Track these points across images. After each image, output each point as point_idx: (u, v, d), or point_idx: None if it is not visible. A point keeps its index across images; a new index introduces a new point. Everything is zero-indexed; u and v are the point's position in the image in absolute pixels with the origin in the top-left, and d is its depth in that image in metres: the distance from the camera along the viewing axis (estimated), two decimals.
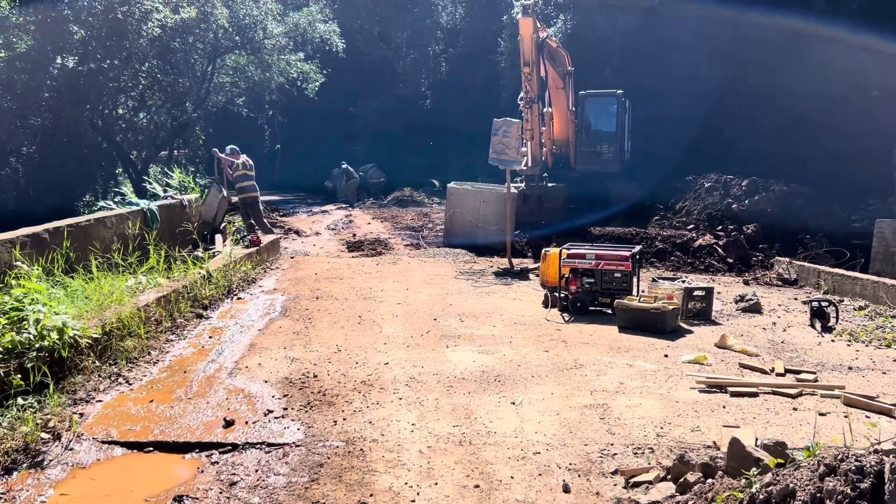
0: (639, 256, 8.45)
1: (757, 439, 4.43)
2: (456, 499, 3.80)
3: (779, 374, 5.96)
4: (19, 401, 4.79)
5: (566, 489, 3.89)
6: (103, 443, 4.59)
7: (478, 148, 26.04)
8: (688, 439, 4.56)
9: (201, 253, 10.22)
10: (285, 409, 5.11)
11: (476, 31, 34.61)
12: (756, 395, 5.38)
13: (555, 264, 9.40)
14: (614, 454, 4.35)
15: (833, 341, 7.19)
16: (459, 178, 15.92)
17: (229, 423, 4.83)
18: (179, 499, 3.87)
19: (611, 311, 8.05)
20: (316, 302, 8.73)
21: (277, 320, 7.80)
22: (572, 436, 4.62)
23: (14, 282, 5.86)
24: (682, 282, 8.30)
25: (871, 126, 16.94)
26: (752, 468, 3.47)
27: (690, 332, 7.38)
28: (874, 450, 2.73)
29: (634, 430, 4.70)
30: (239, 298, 8.94)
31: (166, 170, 19.04)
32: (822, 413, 5.05)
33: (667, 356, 6.40)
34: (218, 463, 4.34)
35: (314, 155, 31.97)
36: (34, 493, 3.94)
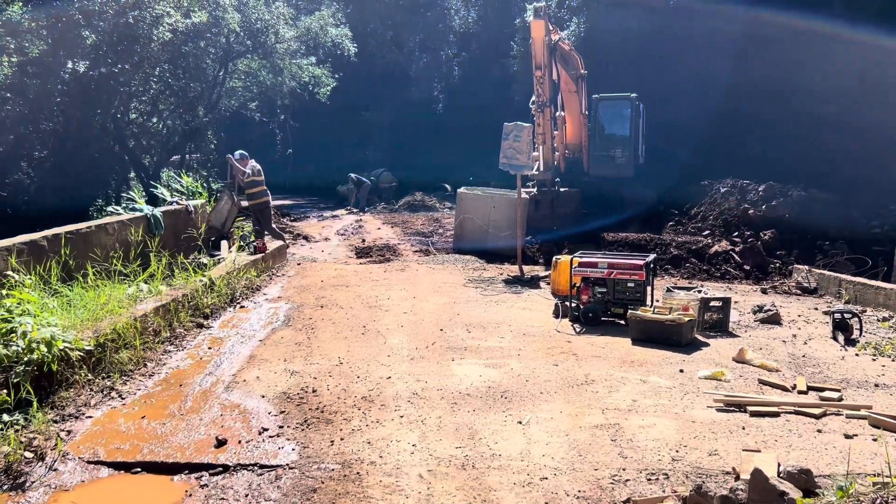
0: (653, 265, 8.15)
1: (780, 465, 4.15)
2: None
3: (801, 392, 5.66)
4: (4, 417, 4.61)
5: None
6: (89, 463, 4.39)
7: (490, 152, 25.81)
8: (705, 464, 4.28)
9: (205, 260, 10.06)
10: (281, 426, 4.89)
11: (489, 34, 34.41)
12: (777, 415, 5.09)
13: (566, 272, 9.13)
14: (626, 480, 4.08)
15: (857, 355, 6.86)
16: (471, 183, 15.71)
17: (222, 443, 4.62)
18: None
19: (623, 322, 7.77)
20: (320, 311, 8.52)
21: (279, 330, 7.60)
22: (582, 459, 4.35)
23: (5, 291, 5.69)
24: (697, 291, 7.99)
25: (892, 129, 16.51)
26: None
27: (707, 344, 7.07)
28: None
29: (648, 454, 4.43)
30: (242, 307, 8.75)
31: (177, 174, 18.99)
32: (849, 435, 4.75)
33: (682, 371, 6.11)
34: (207, 486, 4.12)
35: (326, 159, 31.86)
36: None
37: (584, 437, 4.68)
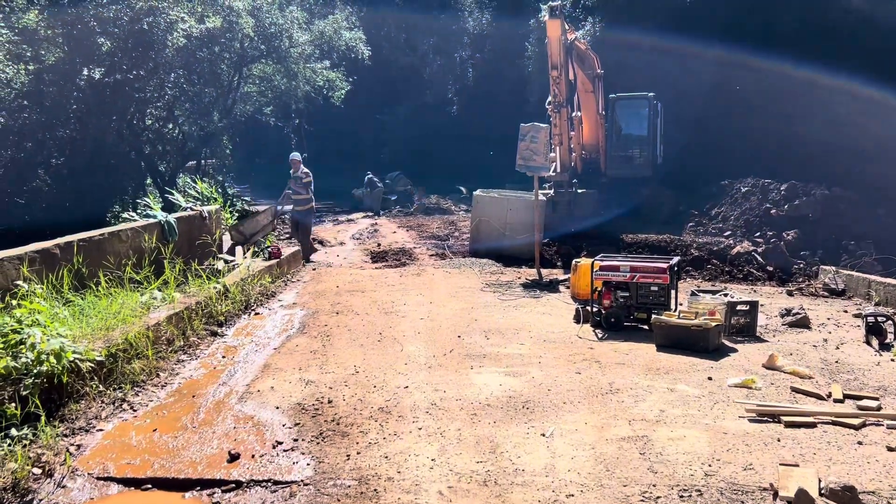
0: (677, 268, 7.91)
1: (820, 481, 3.93)
2: None
3: (836, 401, 5.40)
4: (12, 432, 4.49)
5: None
6: (98, 479, 4.25)
7: (505, 154, 25.60)
8: (740, 479, 4.06)
9: (220, 265, 9.95)
10: (295, 440, 4.73)
11: (503, 36, 34.18)
12: (814, 425, 4.84)
13: (586, 276, 8.90)
14: (657, 497, 3.87)
15: (893, 360, 6.57)
16: (486, 185, 15.50)
17: (234, 457, 4.46)
18: None
19: (647, 327, 7.54)
20: (336, 317, 8.37)
21: (294, 338, 7.46)
22: (610, 475, 4.14)
23: (15, 301, 5.59)
24: (723, 295, 7.74)
25: None
26: None
27: (735, 350, 6.82)
28: None
29: (679, 468, 4.21)
30: (257, 314, 8.63)
31: (193, 180, 18.99)
32: (892, 448, 4.49)
33: (711, 379, 5.87)
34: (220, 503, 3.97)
35: (341, 163, 31.79)
36: None
37: (611, 450, 4.47)
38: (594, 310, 7.73)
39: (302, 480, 4.15)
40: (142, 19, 18.27)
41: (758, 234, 14.47)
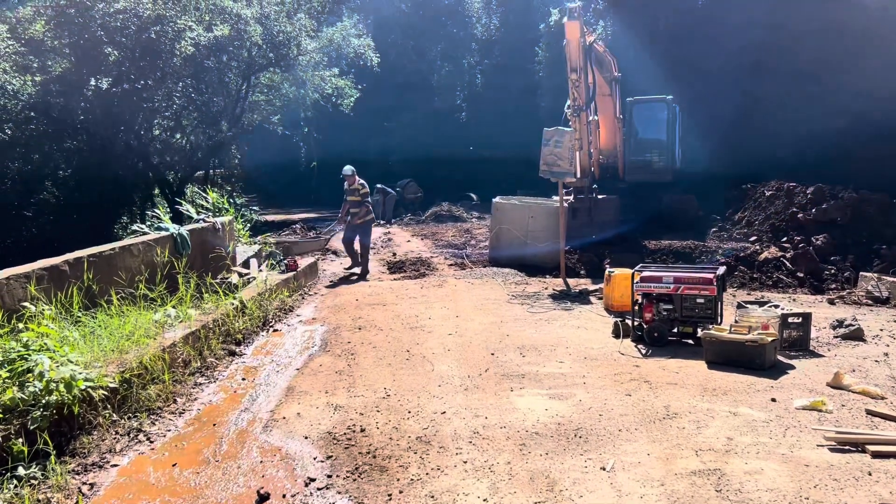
0: (724, 278, 7.44)
1: None
2: None
3: None
4: (20, 471, 4.07)
5: None
6: None
7: (515, 160, 25.23)
8: None
9: (235, 279, 9.54)
10: (329, 476, 4.29)
11: (511, 41, 33.89)
12: None
13: (621, 286, 8.48)
14: None
15: None
16: (496, 192, 15.09)
17: (264, 498, 4.03)
18: None
19: (692, 342, 7.08)
20: (358, 333, 7.93)
21: (317, 357, 7.02)
22: None
23: (22, 324, 5.19)
24: (773, 306, 7.27)
25: None
26: None
27: (792, 367, 6.35)
28: None
29: None
30: (275, 330, 8.20)
31: (202, 190, 18.63)
32: None
33: (775, 400, 5.40)
34: None
35: None
36: None
37: (682, 486, 4.01)
38: (635, 323, 7.27)
39: None
40: (149, 28, 17.97)
41: (784, 239, 14.00)
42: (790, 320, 6.90)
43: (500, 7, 35.76)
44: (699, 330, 6.99)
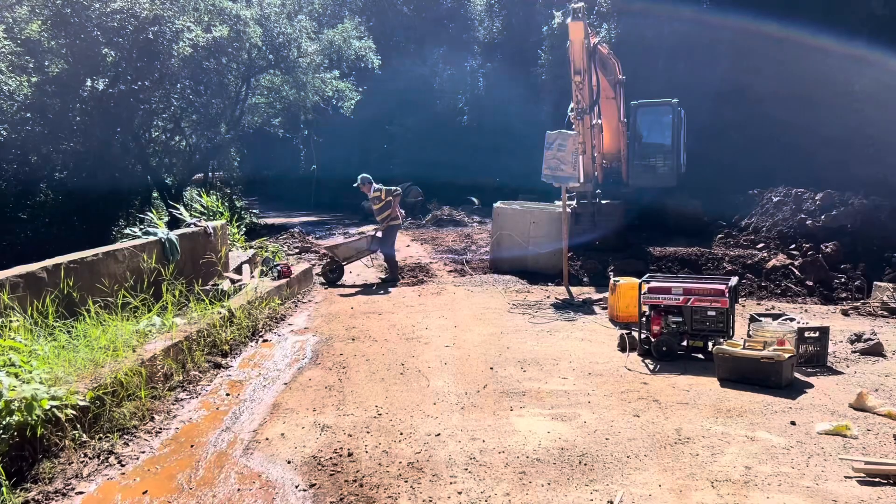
0: (736, 289, 7.08)
1: None
2: None
3: None
4: None
5: None
6: None
7: (517, 164, 24.91)
8: None
9: (226, 286, 9.20)
10: None
11: (514, 44, 33.54)
12: None
13: (627, 296, 8.13)
14: None
15: None
16: (498, 197, 14.74)
17: None
18: None
19: (703, 357, 6.72)
20: (352, 345, 7.58)
21: (307, 370, 6.67)
22: None
23: None
24: (788, 319, 6.90)
25: None
26: None
27: (810, 385, 5.97)
28: None
29: None
30: (265, 341, 7.85)
31: (198, 193, 18.33)
32: None
33: (794, 423, 5.02)
34: None
35: (351, 174, 31.09)
36: None
37: None
38: (642, 336, 6.91)
39: None
40: (147, 29, 17.69)
41: (793, 246, 13.63)
42: (807, 335, 6.54)
43: (503, 10, 35.43)
44: (710, 344, 6.63)
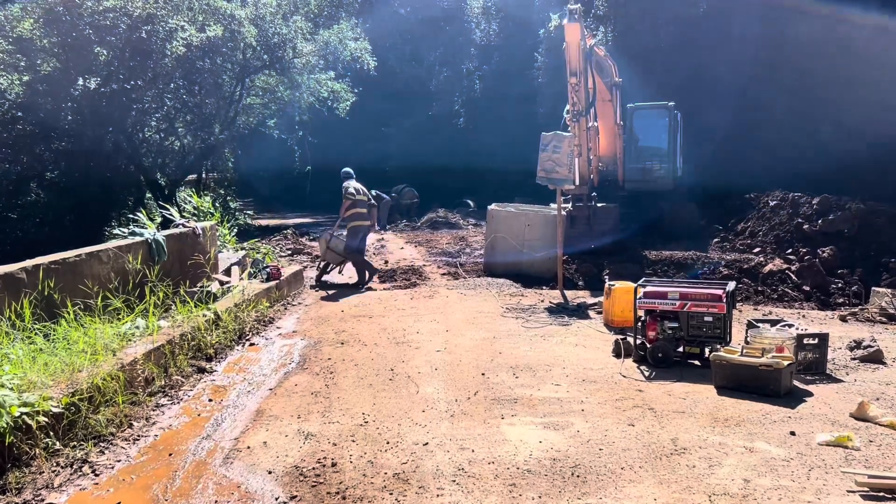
0: (734, 295, 6.93)
1: None
2: None
3: None
4: None
5: None
6: None
7: (513, 167, 24.77)
8: None
9: (214, 288, 9.02)
10: None
11: (511, 47, 33.45)
12: None
13: (622, 301, 7.98)
14: None
15: None
16: (494, 199, 14.59)
17: None
18: None
19: (699, 364, 6.56)
20: (340, 349, 7.41)
21: (293, 375, 6.49)
22: None
23: None
24: (786, 325, 6.75)
25: None
26: None
27: (809, 394, 5.82)
28: None
29: None
30: (252, 344, 7.67)
31: (189, 195, 18.11)
32: None
33: (794, 434, 4.87)
34: None
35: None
36: None
37: None
38: (637, 342, 6.75)
39: None
40: (140, 27, 17.52)
41: (790, 250, 13.52)
42: (806, 341, 6.39)
43: (500, 12, 35.34)
44: (707, 350, 6.48)
